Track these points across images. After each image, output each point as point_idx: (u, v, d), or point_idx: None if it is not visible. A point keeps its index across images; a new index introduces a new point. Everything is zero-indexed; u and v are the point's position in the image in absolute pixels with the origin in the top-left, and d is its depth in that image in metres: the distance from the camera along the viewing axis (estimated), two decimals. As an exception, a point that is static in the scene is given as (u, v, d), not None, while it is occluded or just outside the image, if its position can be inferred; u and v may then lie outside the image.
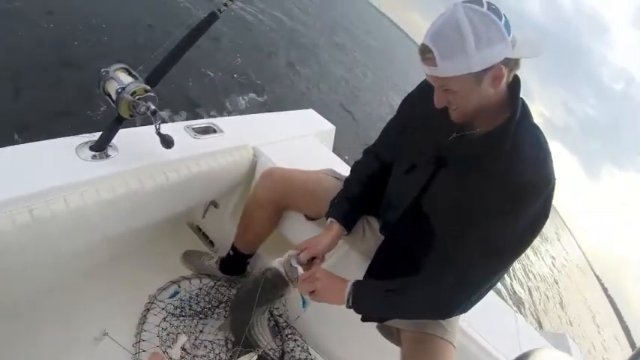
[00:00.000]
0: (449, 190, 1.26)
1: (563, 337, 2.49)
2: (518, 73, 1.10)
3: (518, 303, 8.92)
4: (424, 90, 1.20)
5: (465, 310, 1.24)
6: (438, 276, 1.22)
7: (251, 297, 1.54)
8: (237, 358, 1.56)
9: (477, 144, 1.18)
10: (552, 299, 14.27)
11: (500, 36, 0.98)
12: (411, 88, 1.46)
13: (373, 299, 1.33)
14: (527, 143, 1.10)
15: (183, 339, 1.59)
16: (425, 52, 1.03)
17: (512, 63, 1.04)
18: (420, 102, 1.27)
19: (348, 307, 1.33)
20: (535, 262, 16.57)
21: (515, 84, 1.12)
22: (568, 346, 2.32)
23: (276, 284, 1.46)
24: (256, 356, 1.58)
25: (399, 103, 1.51)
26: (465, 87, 1.05)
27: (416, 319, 1.37)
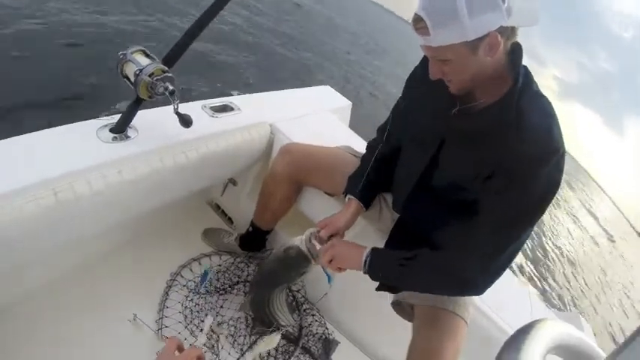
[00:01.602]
0: (455, 166, 1.25)
1: (576, 317, 2.49)
2: (524, 40, 1.08)
3: (540, 281, 8.85)
4: (426, 65, 1.17)
5: (480, 291, 1.23)
6: (450, 250, 1.24)
7: (274, 275, 1.57)
8: (258, 334, 1.60)
9: (480, 117, 1.16)
10: (591, 269, 13.70)
11: (494, 3, 0.95)
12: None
13: (389, 266, 1.34)
14: (532, 114, 1.07)
15: (209, 321, 1.62)
16: (417, 22, 1.01)
17: (508, 31, 1.01)
18: (424, 77, 1.23)
19: (365, 272, 1.35)
20: (564, 232, 15.95)
21: (515, 52, 1.09)
22: (581, 326, 2.32)
23: (298, 262, 1.48)
24: (279, 335, 1.62)
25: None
26: (460, 56, 1.03)
27: (428, 292, 1.38)
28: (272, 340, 1.61)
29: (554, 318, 2.05)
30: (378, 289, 1.43)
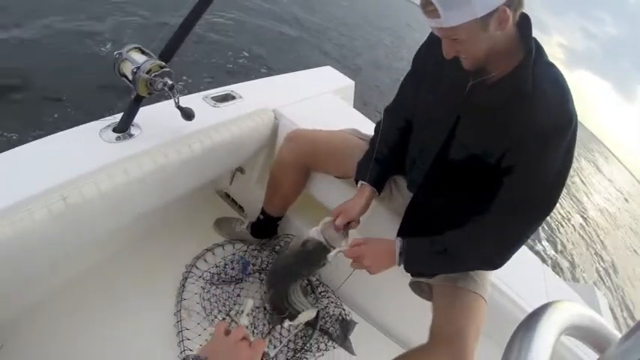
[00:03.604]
0: (473, 142, 1.25)
1: (591, 288, 2.48)
2: (528, 10, 1.07)
3: (554, 253, 8.78)
4: (434, 41, 1.19)
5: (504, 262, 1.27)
6: (479, 231, 1.25)
7: (292, 270, 1.57)
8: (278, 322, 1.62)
9: (494, 90, 1.17)
10: (605, 237, 13.49)
11: None
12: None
13: (423, 262, 1.36)
14: (547, 83, 1.09)
15: (250, 303, 1.65)
16: (426, 5, 1.01)
17: (515, 3, 1.01)
18: (432, 53, 1.26)
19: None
20: (578, 201, 15.73)
21: (524, 23, 1.09)
22: (595, 298, 2.32)
23: (317, 255, 1.45)
24: (316, 309, 1.64)
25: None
26: (472, 34, 1.03)
27: (462, 271, 1.41)
28: (310, 313, 1.62)
29: (569, 290, 2.06)
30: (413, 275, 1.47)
